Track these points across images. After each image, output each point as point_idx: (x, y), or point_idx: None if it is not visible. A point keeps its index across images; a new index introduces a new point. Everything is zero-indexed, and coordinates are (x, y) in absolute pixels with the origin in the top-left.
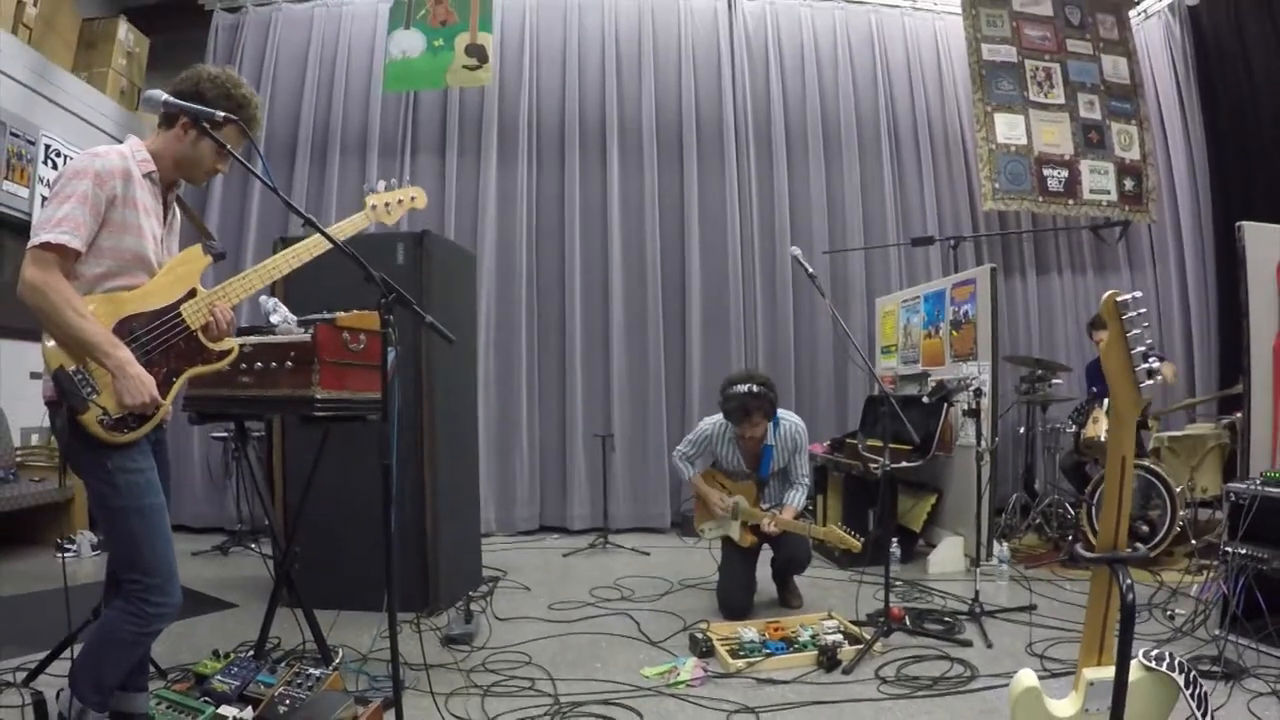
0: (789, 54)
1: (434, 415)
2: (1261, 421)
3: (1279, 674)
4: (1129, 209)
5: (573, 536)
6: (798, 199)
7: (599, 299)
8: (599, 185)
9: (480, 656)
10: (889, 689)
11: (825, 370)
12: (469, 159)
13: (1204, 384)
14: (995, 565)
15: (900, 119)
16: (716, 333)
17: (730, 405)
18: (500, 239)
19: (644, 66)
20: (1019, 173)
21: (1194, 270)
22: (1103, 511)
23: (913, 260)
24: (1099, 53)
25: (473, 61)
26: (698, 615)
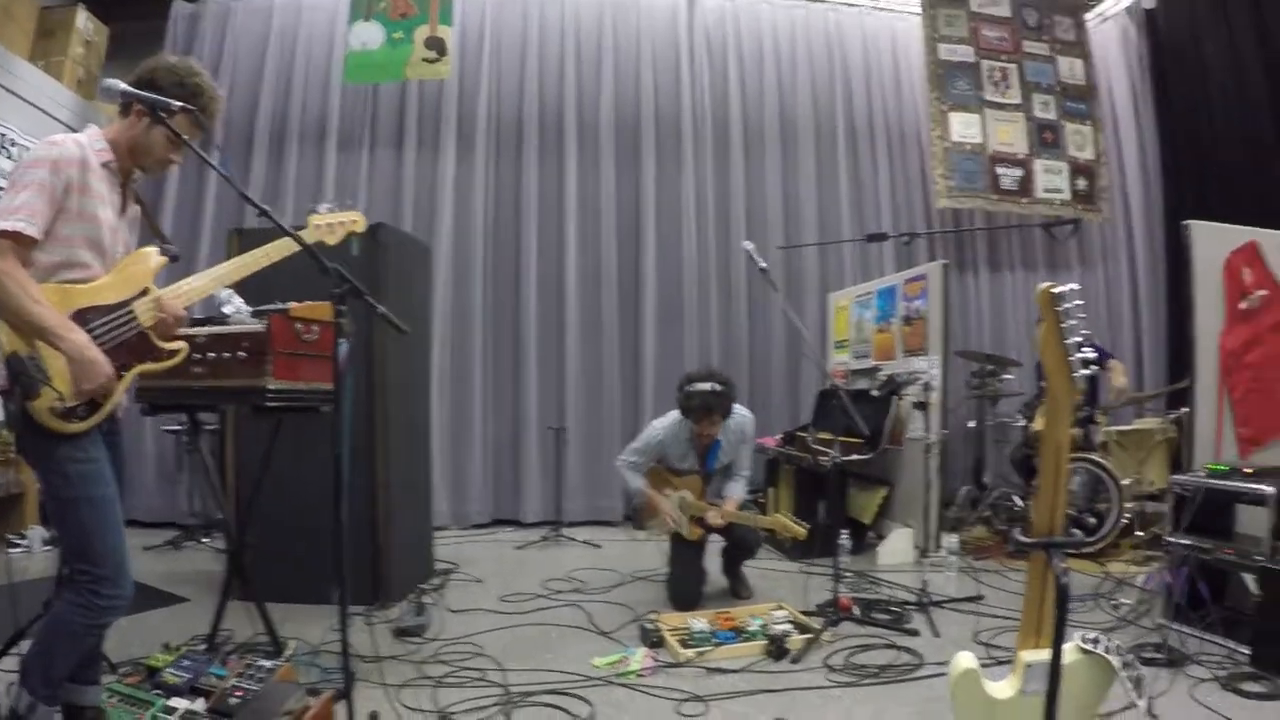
0: (748, 52)
1: (387, 407)
2: (1206, 416)
3: (1221, 661)
4: (1081, 208)
5: (525, 529)
6: (754, 195)
7: (554, 292)
8: (555, 180)
9: (432, 648)
10: (837, 677)
11: (778, 364)
12: (426, 152)
13: (1153, 380)
14: (944, 557)
15: (857, 117)
16: (671, 327)
17: (693, 403)
18: (456, 232)
19: (603, 62)
20: (973, 171)
21: (1144, 268)
22: (1038, 498)
23: (867, 256)
24: (1055, 54)
25: (432, 54)
26: (648, 606)
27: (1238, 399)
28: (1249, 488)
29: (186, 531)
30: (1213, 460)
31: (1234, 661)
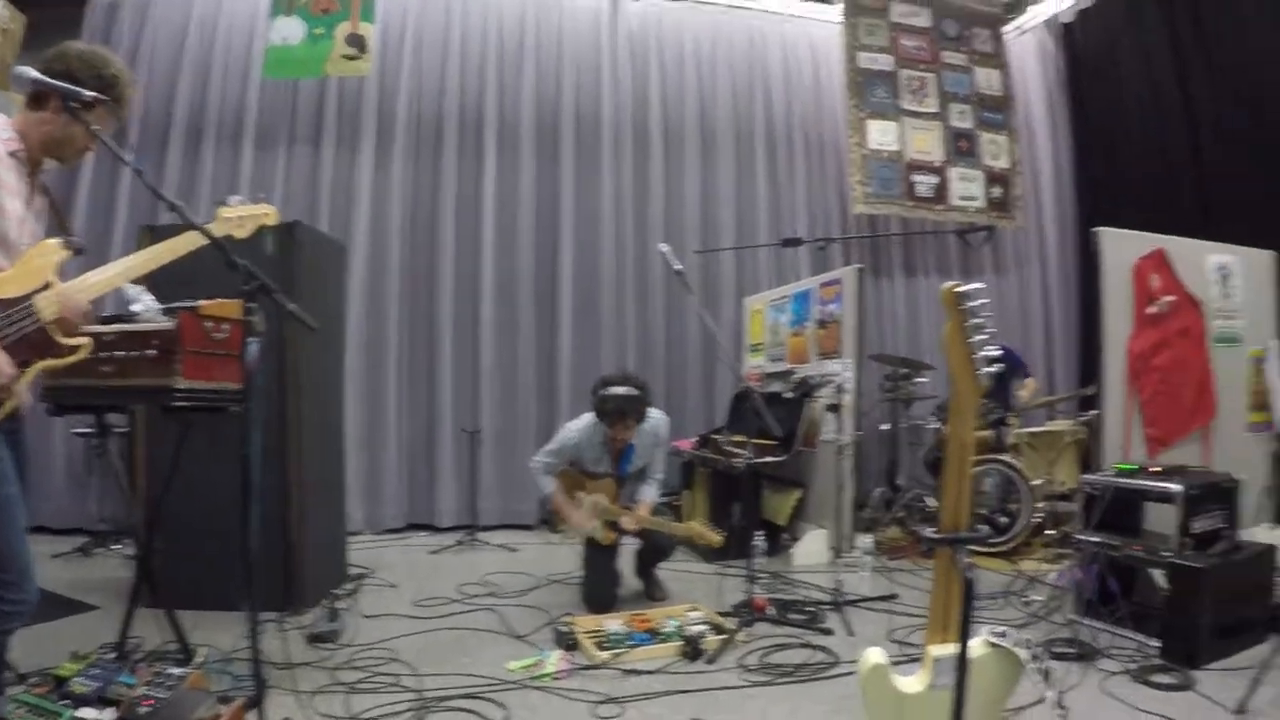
0: (669, 55)
1: (299, 408)
2: (1115, 418)
3: (1131, 654)
4: (995, 215)
5: (440, 534)
6: (672, 198)
7: (469, 293)
8: (473, 180)
9: (345, 654)
10: (752, 677)
11: (694, 367)
12: (344, 149)
13: (1064, 383)
14: (858, 557)
15: (776, 122)
16: (587, 328)
17: (608, 407)
18: (372, 231)
19: (524, 62)
20: (890, 178)
21: (1056, 274)
22: (944, 495)
23: (783, 261)
24: (973, 65)
25: (353, 51)
26: (564, 609)
27: (1145, 401)
28: (1157, 486)
29: (96, 538)
30: (1121, 460)
31: (1144, 654)
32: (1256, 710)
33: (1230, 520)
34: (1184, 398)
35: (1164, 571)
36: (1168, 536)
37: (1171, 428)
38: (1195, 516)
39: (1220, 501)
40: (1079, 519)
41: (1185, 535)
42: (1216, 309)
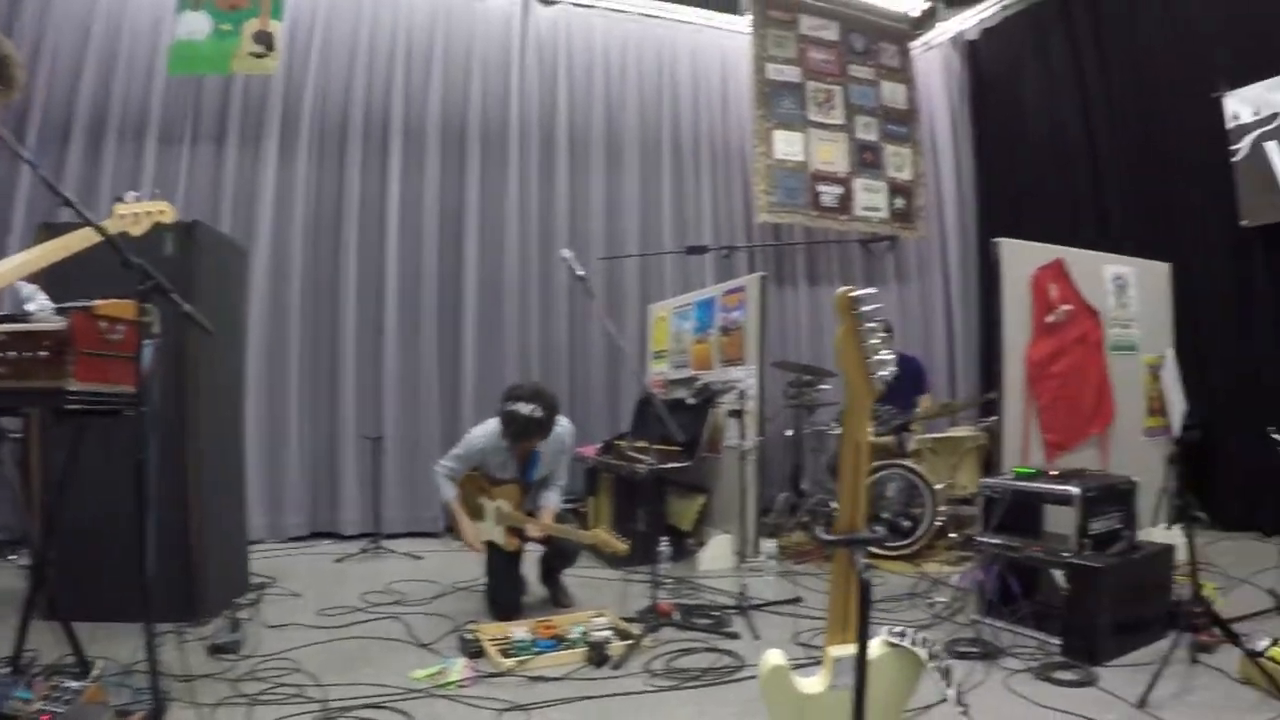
0: (578, 61)
1: (198, 413)
2: (1014, 424)
3: (1033, 652)
4: (898, 226)
5: (344, 541)
6: (577, 205)
7: (373, 298)
8: (378, 183)
9: (248, 665)
10: (658, 682)
11: (598, 373)
12: (248, 149)
13: (965, 389)
14: (763, 561)
15: (683, 130)
16: (491, 334)
17: (511, 429)
18: (275, 234)
19: (433, 65)
20: (795, 188)
21: (958, 284)
22: (840, 496)
23: (687, 268)
24: (880, 79)
25: (260, 49)
26: (469, 617)
27: (1044, 407)
28: (1055, 489)
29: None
30: (1021, 464)
31: (1046, 652)
32: (1157, 704)
33: (1128, 521)
34: (1082, 403)
35: (1064, 572)
36: (1067, 537)
37: (1069, 433)
38: (1093, 518)
39: (1118, 503)
40: (980, 522)
41: (1084, 536)
42: (1113, 318)
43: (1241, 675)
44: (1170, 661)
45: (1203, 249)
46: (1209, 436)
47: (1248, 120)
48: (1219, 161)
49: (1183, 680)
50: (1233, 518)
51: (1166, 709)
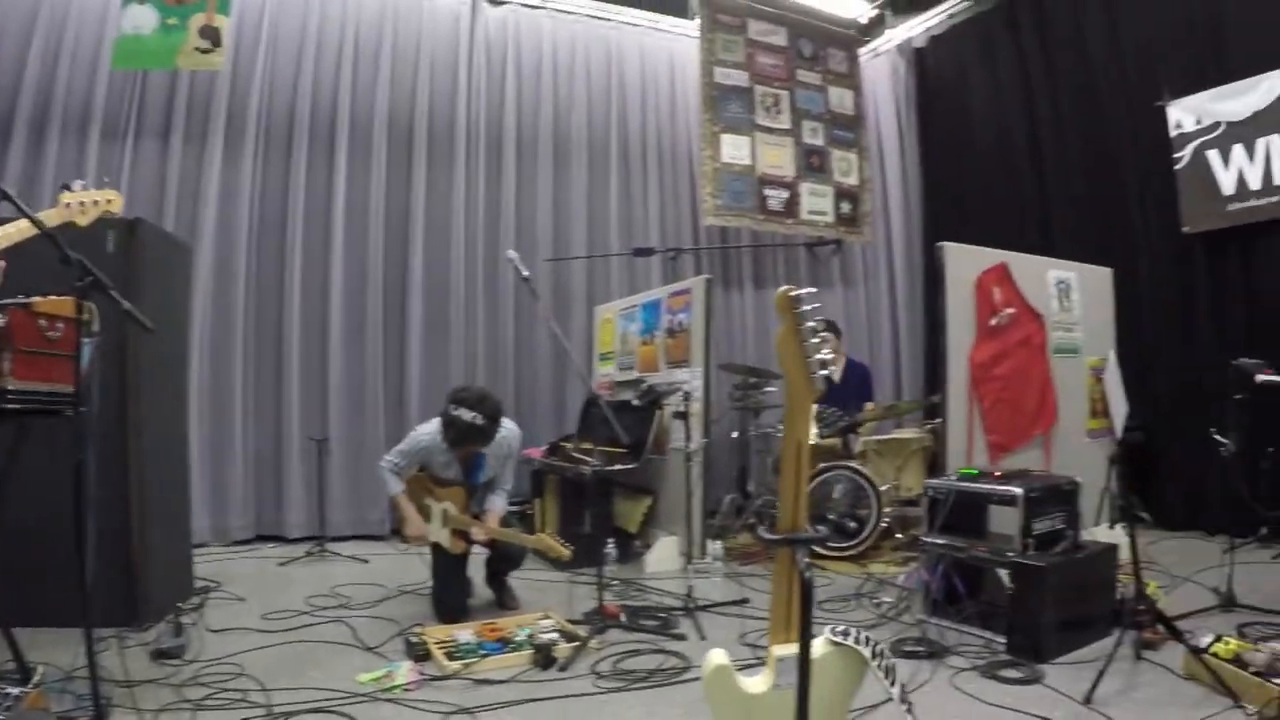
0: (526, 62)
1: (140, 413)
2: (958, 425)
3: (979, 651)
4: (844, 230)
5: (289, 545)
6: (524, 206)
7: (318, 298)
8: (324, 182)
9: (191, 670)
10: (605, 683)
11: (545, 374)
12: (193, 146)
13: (910, 392)
14: (709, 563)
15: (630, 133)
16: (437, 335)
17: (450, 433)
18: (220, 232)
19: (381, 64)
20: (741, 191)
21: (904, 288)
22: (781, 496)
23: (634, 270)
24: (827, 84)
25: (206, 44)
26: (415, 620)
27: (987, 408)
28: (998, 489)
29: None
30: (965, 465)
31: (991, 651)
32: (1103, 701)
33: (1071, 521)
34: (1025, 405)
35: (1008, 571)
36: (1011, 537)
37: (1013, 434)
38: (1036, 518)
39: (1061, 504)
40: (925, 522)
41: (1027, 536)
42: (1056, 321)
43: (1186, 672)
44: (1115, 659)
45: (1145, 255)
46: (1152, 438)
47: (1190, 129)
48: (1162, 169)
49: (1128, 677)
50: (1176, 518)
51: (1112, 706)
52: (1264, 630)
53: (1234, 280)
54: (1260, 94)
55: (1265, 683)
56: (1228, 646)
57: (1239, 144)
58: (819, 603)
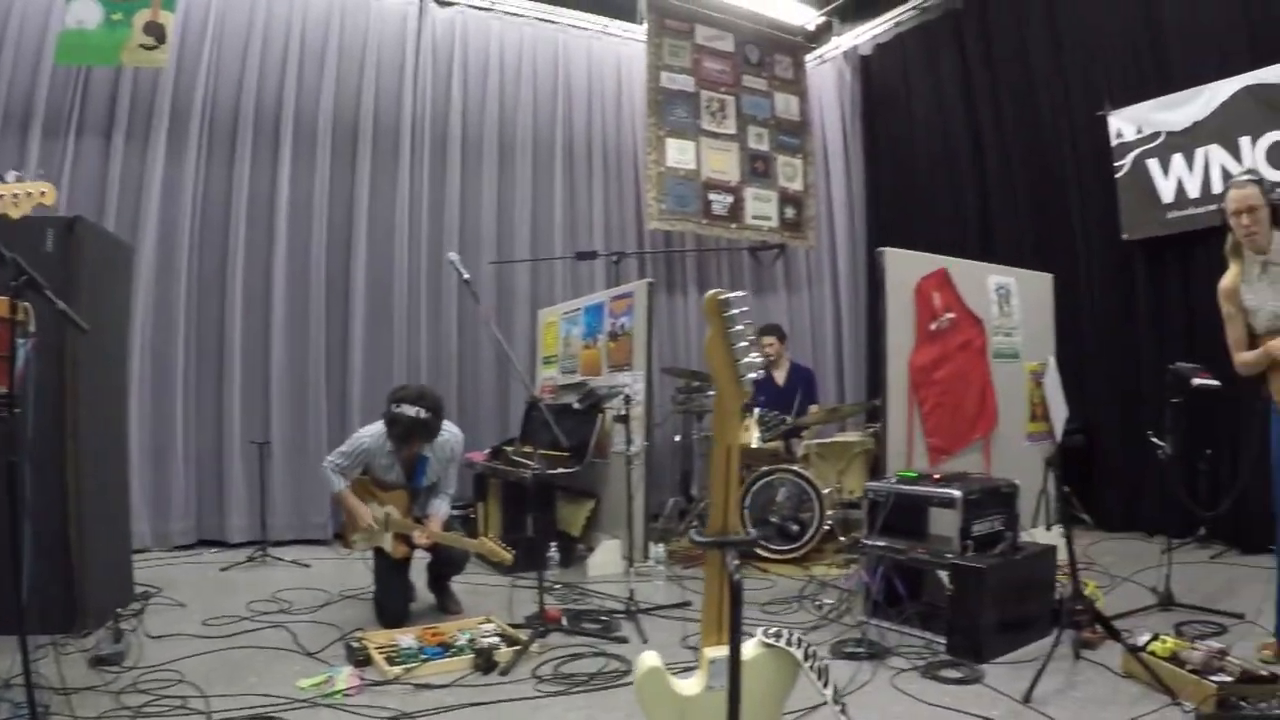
0: (473, 63)
1: (78, 415)
2: (897, 428)
3: (920, 651)
4: (788, 235)
5: (231, 550)
6: (468, 208)
7: (260, 299)
8: (268, 181)
9: (131, 677)
10: (545, 687)
11: (488, 377)
12: (136, 144)
13: (853, 395)
14: (652, 566)
15: (576, 136)
16: (380, 337)
17: (395, 429)
18: (162, 232)
19: (327, 62)
20: (686, 195)
21: (847, 292)
22: (712, 498)
23: (578, 274)
24: (773, 90)
25: (150, 41)
26: (356, 625)
27: (927, 412)
28: (937, 492)
29: None
30: (905, 468)
31: (932, 651)
32: (1042, 699)
33: (1010, 523)
34: (965, 409)
35: (947, 572)
36: (950, 539)
37: (953, 437)
38: (975, 520)
39: (1000, 506)
40: (865, 525)
41: (966, 538)
42: (996, 326)
43: (1124, 670)
44: (1054, 658)
45: (1086, 261)
46: (1092, 441)
47: (1130, 138)
48: (1102, 178)
49: (1067, 676)
50: (1116, 519)
51: (1051, 704)
52: (1201, 629)
53: (1172, 287)
54: (1199, 105)
55: (1202, 680)
56: (1165, 645)
57: (1178, 153)
58: (762, 605)
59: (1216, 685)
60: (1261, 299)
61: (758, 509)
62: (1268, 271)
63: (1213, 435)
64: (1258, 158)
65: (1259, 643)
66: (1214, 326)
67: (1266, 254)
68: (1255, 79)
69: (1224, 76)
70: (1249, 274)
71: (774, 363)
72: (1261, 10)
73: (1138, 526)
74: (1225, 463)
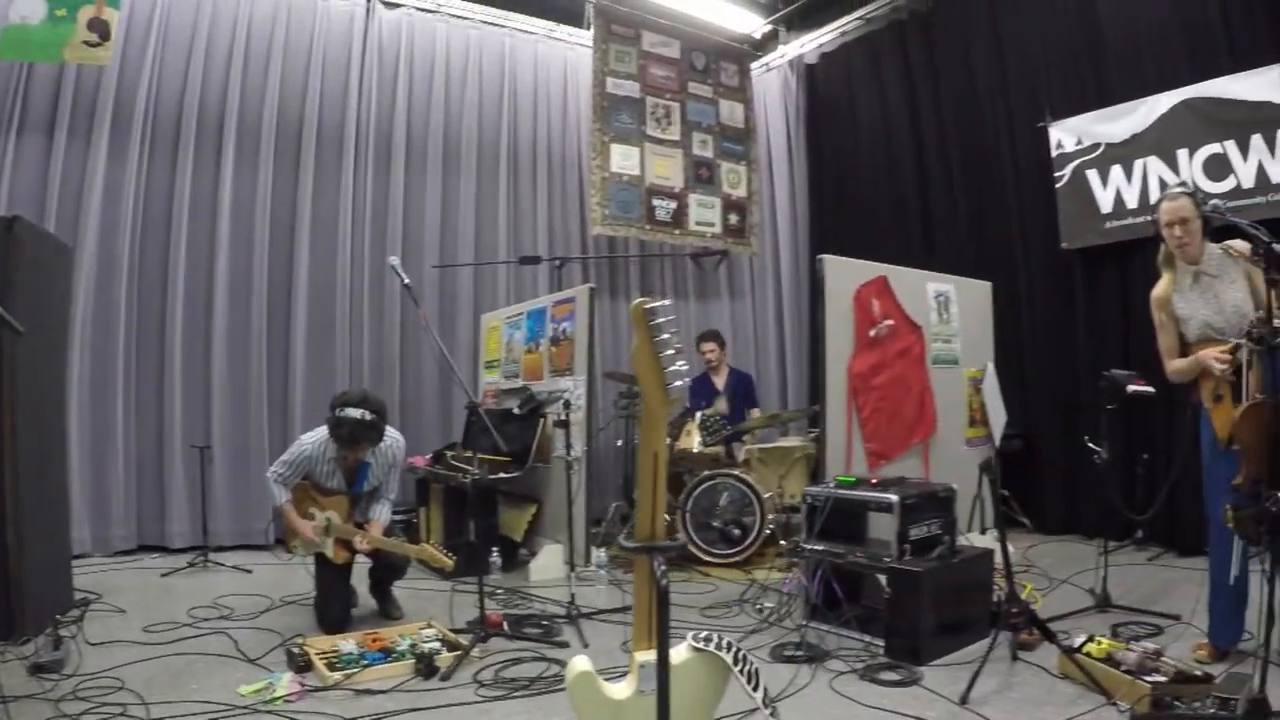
0: (419, 66)
1: (15, 419)
2: (836, 433)
3: (859, 654)
4: (732, 242)
5: (173, 555)
6: (412, 211)
7: (202, 301)
8: (211, 182)
9: (70, 684)
10: (486, 692)
11: (430, 382)
12: (78, 142)
13: (795, 401)
14: (594, 570)
15: (521, 140)
16: (322, 340)
17: (341, 431)
18: (103, 232)
19: (272, 63)
20: (629, 201)
21: (789, 299)
22: (639, 504)
23: (521, 279)
24: (718, 97)
25: (94, 38)
26: (298, 630)
27: (866, 417)
28: (875, 496)
29: None
30: (843, 473)
31: (870, 654)
32: (980, 700)
33: (948, 527)
34: (904, 415)
35: (885, 576)
36: (888, 543)
37: (892, 442)
38: (913, 524)
39: (937, 510)
40: (803, 529)
41: (904, 541)
42: (935, 333)
43: (1060, 671)
44: (991, 659)
45: (1026, 270)
46: (1031, 446)
47: (1070, 149)
48: (1043, 187)
49: (1004, 677)
50: (1055, 522)
51: (989, 705)
52: (1137, 630)
53: (1110, 295)
54: (1139, 117)
55: (1137, 680)
56: (1100, 646)
57: (1117, 165)
58: (702, 609)
59: (1151, 685)
60: (1193, 308)
61: (699, 513)
62: (1199, 281)
63: (1150, 440)
64: (1195, 170)
65: (1194, 643)
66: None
67: (1198, 264)
68: (1193, 93)
69: (1163, 90)
70: (1181, 284)
71: (714, 368)
72: (1199, 26)
73: (1077, 530)
74: (1161, 467)
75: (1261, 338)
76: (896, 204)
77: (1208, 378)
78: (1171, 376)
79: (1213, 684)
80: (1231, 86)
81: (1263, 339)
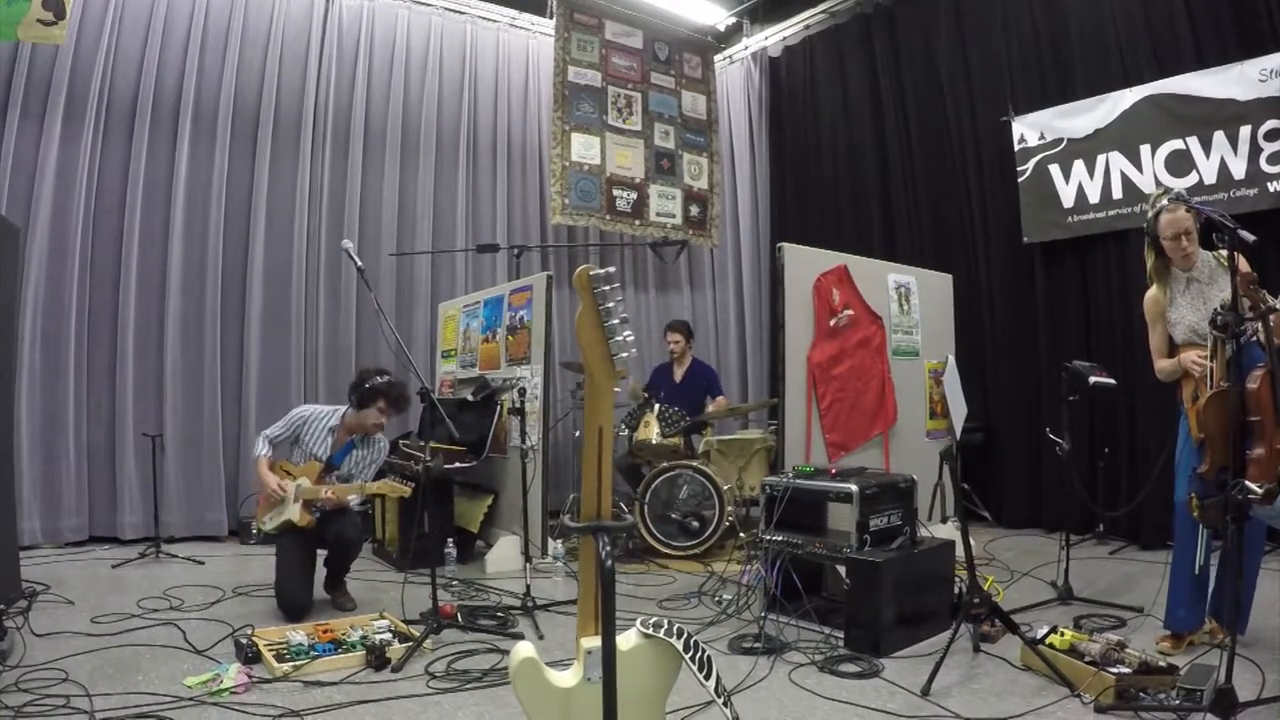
0: (379, 52)
1: None
2: (795, 424)
3: (818, 646)
4: (693, 233)
5: (124, 546)
6: (369, 198)
7: (155, 286)
8: (166, 166)
9: (13, 676)
10: (438, 684)
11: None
12: (31, 123)
13: (756, 393)
14: (550, 562)
15: (481, 128)
16: (277, 328)
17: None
18: (55, 215)
19: (230, 46)
20: (589, 191)
21: (750, 290)
22: (584, 483)
23: (479, 267)
24: (681, 88)
25: (49, 16)
26: (248, 621)
27: (825, 408)
28: (834, 486)
29: None
30: (802, 463)
31: (830, 645)
32: (941, 692)
33: (908, 518)
34: (864, 406)
35: (845, 567)
36: (848, 534)
37: (851, 433)
38: (872, 514)
39: (897, 500)
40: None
41: (864, 532)
42: (896, 324)
43: (1023, 663)
44: (953, 651)
45: (987, 262)
46: (992, 438)
47: (1033, 144)
48: (1005, 181)
49: (966, 669)
50: (1017, 515)
51: (951, 697)
52: (1100, 623)
53: (1071, 288)
54: (1101, 113)
55: (1100, 671)
56: (1063, 638)
57: (1080, 160)
58: (660, 601)
59: (1116, 677)
60: (1181, 314)
61: (658, 505)
62: (1190, 288)
63: (1111, 433)
64: (1157, 166)
65: (1157, 635)
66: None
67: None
68: (1156, 89)
69: (1126, 86)
70: (1174, 290)
71: (677, 358)
72: (1163, 23)
73: (1039, 523)
74: (1124, 460)
75: (1226, 325)
76: (858, 198)
77: (1188, 379)
78: (1158, 376)
79: (1177, 675)
80: (1195, 83)
81: (1227, 326)
